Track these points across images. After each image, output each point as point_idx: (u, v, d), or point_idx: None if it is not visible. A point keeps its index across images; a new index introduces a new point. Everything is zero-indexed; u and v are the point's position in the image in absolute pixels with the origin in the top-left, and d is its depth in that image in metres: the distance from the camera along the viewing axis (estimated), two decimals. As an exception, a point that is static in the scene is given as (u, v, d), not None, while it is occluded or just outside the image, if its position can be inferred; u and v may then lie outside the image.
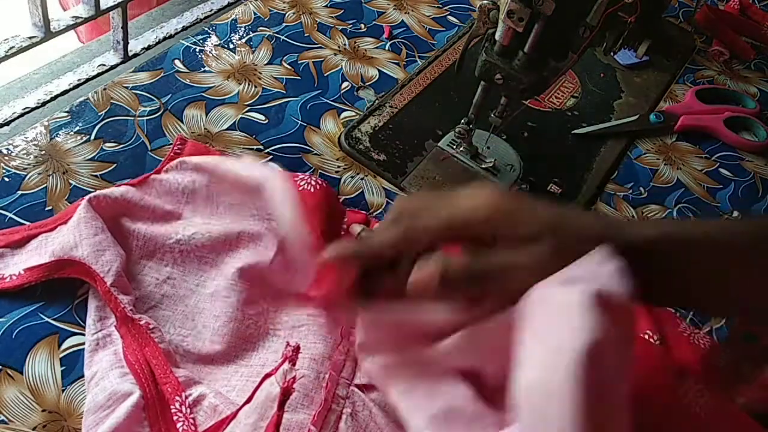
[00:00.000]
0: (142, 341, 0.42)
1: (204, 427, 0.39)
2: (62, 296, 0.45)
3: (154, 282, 0.46)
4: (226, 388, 0.42)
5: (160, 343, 0.42)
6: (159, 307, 0.45)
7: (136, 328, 0.42)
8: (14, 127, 0.56)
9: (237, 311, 0.45)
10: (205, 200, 0.49)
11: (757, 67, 0.81)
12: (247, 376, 0.43)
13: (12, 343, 0.42)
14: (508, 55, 0.52)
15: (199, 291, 0.46)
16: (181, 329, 0.44)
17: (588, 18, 0.50)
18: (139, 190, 0.49)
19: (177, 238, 0.47)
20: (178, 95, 0.60)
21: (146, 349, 0.41)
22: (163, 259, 0.47)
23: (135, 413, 0.39)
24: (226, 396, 0.41)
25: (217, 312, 0.45)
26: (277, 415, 0.37)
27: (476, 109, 0.57)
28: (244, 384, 0.42)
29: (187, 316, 0.45)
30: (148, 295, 0.45)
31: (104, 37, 0.65)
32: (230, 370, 0.43)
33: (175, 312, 0.45)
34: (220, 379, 0.43)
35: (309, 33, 0.70)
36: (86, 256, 0.43)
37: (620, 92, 0.73)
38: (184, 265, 0.47)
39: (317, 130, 0.61)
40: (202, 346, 0.44)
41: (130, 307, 0.43)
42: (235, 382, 0.43)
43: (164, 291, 0.46)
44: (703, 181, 0.66)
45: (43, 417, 0.40)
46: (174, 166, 0.51)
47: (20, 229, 0.47)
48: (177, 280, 0.46)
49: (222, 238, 0.47)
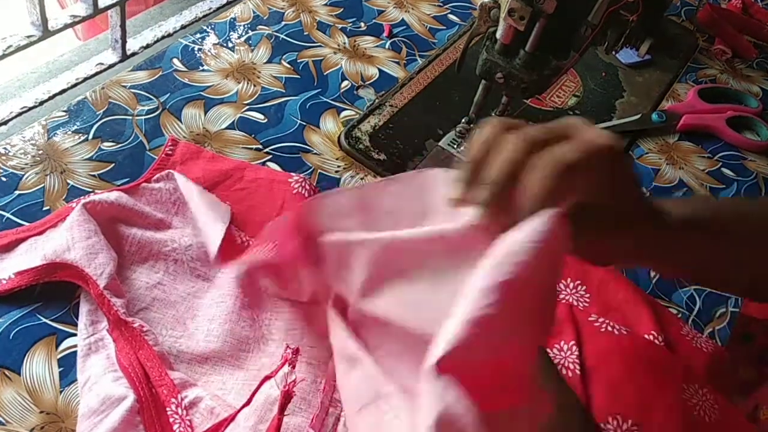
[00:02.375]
0: (136, 344, 0.41)
1: (200, 430, 0.39)
2: (60, 297, 0.44)
3: (145, 285, 0.46)
4: (221, 391, 0.42)
5: (154, 345, 0.42)
6: (150, 309, 0.45)
7: (130, 330, 0.42)
8: (12, 126, 0.56)
9: (232, 314, 0.44)
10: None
11: (759, 66, 0.81)
12: (243, 379, 0.43)
13: (9, 344, 0.42)
14: (509, 53, 0.51)
15: (190, 299, 0.46)
16: (173, 331, 0.44)
17: (590, 17, 0.49)
18: (131, 197, 0.49)
19: (173, 246, 0.47)
20: (176, 94, 0.60)
21: (140, 352, 0.41)
22: (155, 266, 0.47)
23: (129, 417, 0.38)
24: (223, 399, 0.41)
25: (210, 316, 0.45)
26: (277, 418, 0.37)
27: (477, 108, 0.57)
28: (241, 387, 0.42)
29: (178, 320, 0.45)
30: (138, 298, 0.45)
31: (102, 36, 0.65)
32: (225, 372, 0.43)
33: (166, 315, 0.45)
34: (215, 380, 0.42)
35: (308, 31, 0.69)
36: (79, 259, 0.43)
37: (622, 91, 0.72)
38: (175, 274, 0.47)
39: (317, 130, 0.60)
40: (196, 346, 0.43)
41: (123, 309, 0.43)
42: (231, 385, 0.42)
43: (155, 294, 0.45)
44: (706, 180, 0.65)
45: (41, 418, 0.39)
46: (164, 176, 0.50)
47: (8, 233, 0.47)
48: (167, 287, 0.46)
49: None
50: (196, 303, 0.46)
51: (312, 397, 0.40)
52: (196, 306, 0.46)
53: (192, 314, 0.45)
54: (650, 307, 0.50)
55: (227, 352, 0.44)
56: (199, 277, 0.47)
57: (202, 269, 0.47)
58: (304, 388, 0.41)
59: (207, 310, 0.45)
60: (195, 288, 0.46)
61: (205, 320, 0.44)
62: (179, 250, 0.47)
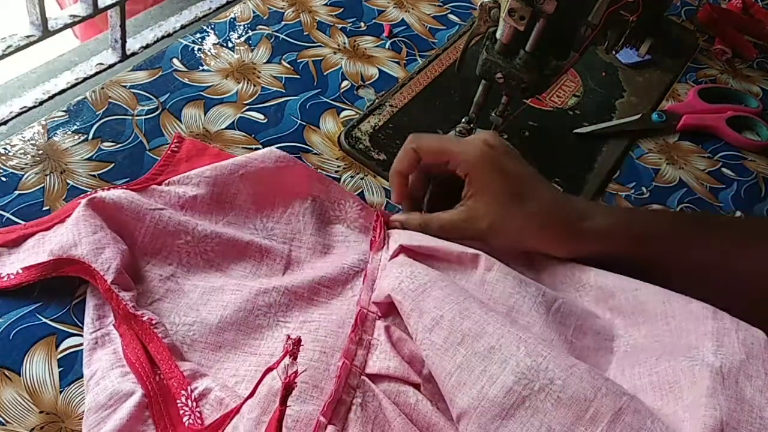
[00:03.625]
0: (146, 337, 0.41)
1: (210, 421, 0.39)
2: (60, 297, 0.44)
3: (158, 278, 0.46)
4: (234, 378, 0.42)
5: (164, 338, 0.42)
6: (163, 300, 0.45)
7: (139, 324, 0.42)
8: (12, 126, 0.56)
9: (247, 302, 0.45)
10: (203, 215, 0.49)
11: (759, 66, 0.81)
12: (256, 365, 0.43)
13: (9, 344, 0.42)
14: (509, 53, 0.51)
15: (203, 286, 0.46)
16: (186, 318, 0.44)
17: (590, 16, 0.49)
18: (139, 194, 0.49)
19: (187, 239, 0.47)
20: (176, 94, 0.60)
21: (150, 345, 0.41)
22: (167, 258, 0.47)
23: (138, 412, 0.39)
24: (233, 389, 0.41)
25: (224, 302, 0.45)
26: (279, 410, 0.36)
27: (477, 108, 0.57)
28: (254, 374, 0.42)
29: (191, 307, 0.45)
30: (152, 290, 0.45)
31: (102, 36, 0.65)
32: (239, 359, 0.43)
33: (179, 304, 0.45)
34: (228, 368, 0.43)
35: (308, 31, 0.69)
36: (86, 255, 0.43)
37: (622, 91, 0.72)
38: (188, 265, 0.47)
39: (317, 130, 0.60)
40: (210, 333, 0.43)
41: (132, 303, 0.43)
42: (243, 372, 0.42)
43: (168, 286, 0.46)
44: (706, 180, 0.65)
45: (41, 418, 0.39)
46: (176, 181, 0.50)
47: (15, 228, 0.47)
48: (180, 279, 0.46)
49: (231, 243, 0.48)
50: (210, 290, 0.46)
51: (324, 384, 0.40)
52: (209, 291, 0.45)
53: (205, 300, 0.45)
54: None
55: (241, 340, 0.44)
56: (212, 267, 0.47)
57: (216, 260, 0.47)
58: (316, 376, 0.40)
59: (221, 297, 0.45)
60: (207, 277, 0.46)
61: (219, 306, 0.45)
62: (192, 243, 0.47)
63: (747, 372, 0.37)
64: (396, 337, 0.44)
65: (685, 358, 0.39)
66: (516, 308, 0.43)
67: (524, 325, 0.43)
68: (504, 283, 0.44)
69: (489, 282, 0.45)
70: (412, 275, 0.43)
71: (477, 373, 0.37)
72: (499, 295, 0.44)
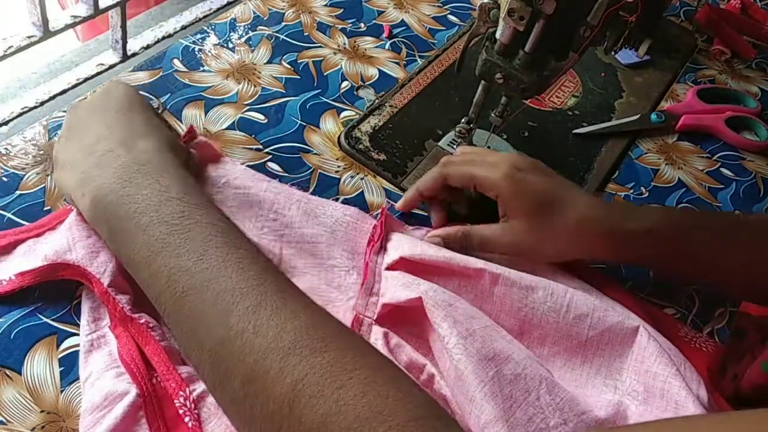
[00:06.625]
0: (143, 340, 0.41)
1: (209, 423, 0.39)
2: (61, 296, 0.44)
3: None
4: None
5: (161, 340, 0.42)
6: None
7: (136, 327, 0.42)
8: (13, 126, 0.56)
9: None
10: None
11: (758, 66, 0.81)
12: None
13: (10, 344, 0.42)
14: (509, 54, 0.51)
15: None
16: None
17: (589, 17, 0.49)
18: None
19: None
20: (177, 95, 0.60)
21: (147, 348, 0.41)
22: None
23: (132, 412, 0.39)
24: None
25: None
26: None
27: (477, 109, 0.57)
28: None
29: None
30: None
31: (103, 37, 0.65)
32: None
33: None
34: None
35: (308, 32, 0.69)
36: (80, 259, 0.43)
37: (621, 92, 0.72)
38: None
39: (317, 130, 0.60)
40: None
41: (129, 306, 0.43)
42: None
43: None
44: (705, 180, 0.65)
45: (42, 418, 0.40)
46: None
47: (7, 234, 0.46)
48: None
49: None
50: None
51: None
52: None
53: None
54: (646, 311, 0.50)
55: None
56: None
57: None
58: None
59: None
60: None
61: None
62: None
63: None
64: (394, 343, 0.44)
65: None
66: (527, 320, 0.46)
67: (538, 336, 0.46)
68: (511, 297, 0.46)
69: (497, 295, 0.46)
70: (434, 288, 0.45)
71: (506, 392, 0.40)
72: (509, 309, 0.46)
